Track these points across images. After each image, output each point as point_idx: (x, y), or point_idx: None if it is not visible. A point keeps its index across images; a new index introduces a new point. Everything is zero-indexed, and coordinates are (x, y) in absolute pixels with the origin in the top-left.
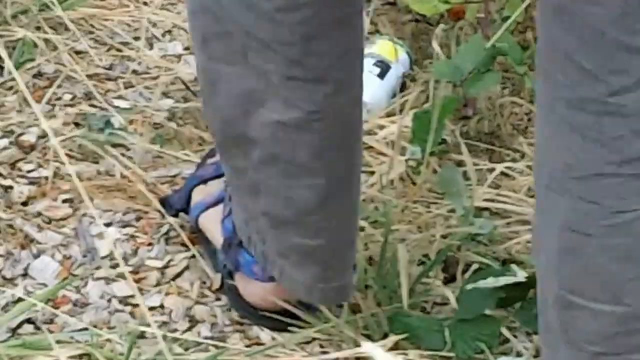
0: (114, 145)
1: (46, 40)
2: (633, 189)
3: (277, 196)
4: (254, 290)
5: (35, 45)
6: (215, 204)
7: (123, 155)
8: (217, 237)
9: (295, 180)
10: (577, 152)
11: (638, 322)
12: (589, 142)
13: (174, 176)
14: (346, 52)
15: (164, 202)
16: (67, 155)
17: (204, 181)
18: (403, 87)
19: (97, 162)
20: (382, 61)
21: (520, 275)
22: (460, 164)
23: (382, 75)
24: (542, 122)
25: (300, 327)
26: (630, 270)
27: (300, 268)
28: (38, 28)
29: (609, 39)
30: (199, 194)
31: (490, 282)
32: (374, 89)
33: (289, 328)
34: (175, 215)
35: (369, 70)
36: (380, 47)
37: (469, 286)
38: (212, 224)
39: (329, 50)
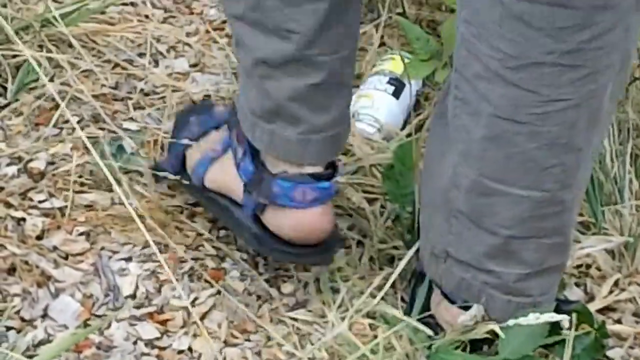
0: (127, 172)
1: (49, 59)
2: (568, 79)
3: (276, 31)
4: (286, 221)
5: (39, 65)
6: (221, 154)
7: (138, 182)
8: (234, 186)
9: (296, 7)
10: (520, 41)
11: (551, 207)
12: (533, 31)
13: (194, 204)
14: None
15: (157, 169)
16: (78, 183)
17: (194, 140)
18: (416, 106)
19: (111, 190)
20: (396, 79)
21: (565, 319)
22: None
23: (397, 94)
24: (477, 17)
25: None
26: (553, 158)
27: (293, 123)
28: (41, 46)
29: None
30: (196, 153)
31: (532, 319)
32: (389, 109)
33: None
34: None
35: (384, 88)
36: (394, 65)
37: (511, 322)
38: (225, 174)
39: None
